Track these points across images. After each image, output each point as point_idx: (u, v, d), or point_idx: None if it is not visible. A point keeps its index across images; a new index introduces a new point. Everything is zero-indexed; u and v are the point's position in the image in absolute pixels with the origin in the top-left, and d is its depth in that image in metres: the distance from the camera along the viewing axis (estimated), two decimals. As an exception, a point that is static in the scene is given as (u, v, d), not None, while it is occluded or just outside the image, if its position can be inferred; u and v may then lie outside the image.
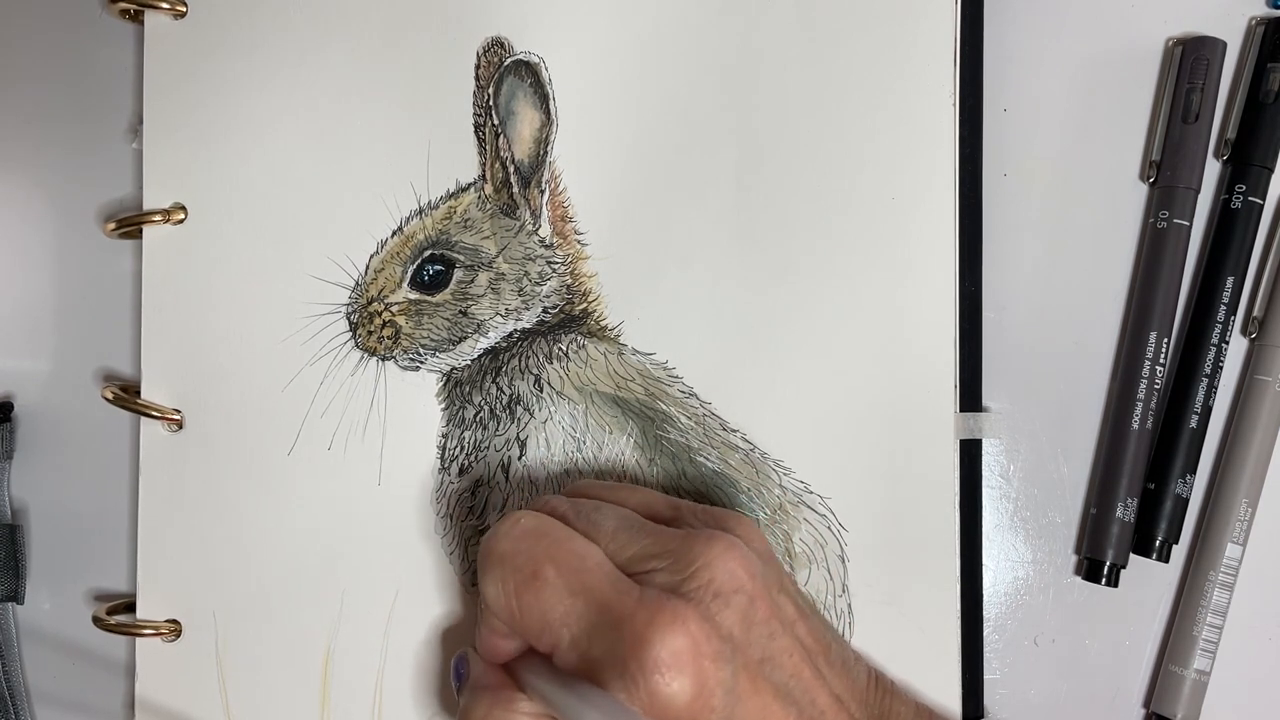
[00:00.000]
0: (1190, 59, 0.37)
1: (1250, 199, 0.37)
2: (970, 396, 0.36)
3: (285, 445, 0.36)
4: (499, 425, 0.36)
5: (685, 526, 0.31)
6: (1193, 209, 0.38)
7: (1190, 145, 0.37)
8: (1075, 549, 0.38)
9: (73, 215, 0.39)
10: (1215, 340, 0.37)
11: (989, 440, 0.37)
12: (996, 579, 0.38)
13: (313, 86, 0.37)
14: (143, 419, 0.37)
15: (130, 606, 0.37)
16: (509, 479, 0.36)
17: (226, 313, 0.37)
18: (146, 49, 0.37)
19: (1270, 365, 0.37)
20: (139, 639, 0.37)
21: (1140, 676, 0.38)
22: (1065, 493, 0.38)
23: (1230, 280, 0.37)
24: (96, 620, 0.36)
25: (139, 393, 0.37)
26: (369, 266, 0.37)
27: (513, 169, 0.37)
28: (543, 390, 0.36)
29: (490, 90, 0.37)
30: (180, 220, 0.37)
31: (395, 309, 0.36)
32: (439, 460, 0.36)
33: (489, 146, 0.37)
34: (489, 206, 0.37)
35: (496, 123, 0.37)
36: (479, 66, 0.37)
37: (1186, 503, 0.37)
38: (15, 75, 0.39)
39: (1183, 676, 0.37)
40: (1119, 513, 0.37)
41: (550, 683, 0.29)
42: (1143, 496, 0.37)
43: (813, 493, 0.36)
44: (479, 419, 0.36)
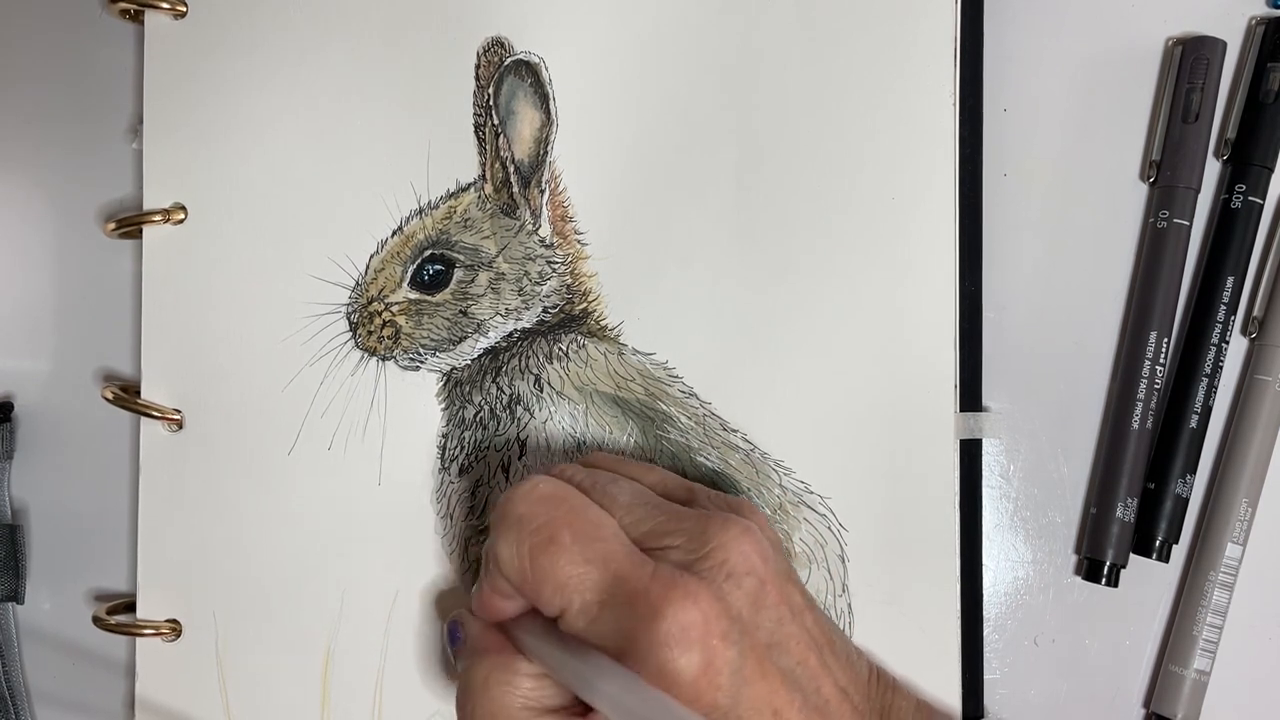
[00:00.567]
0: (1190, 59, 0.37)
1: (1250, 199, 0.37)
2: (970, 396, 0.36)
3: (285, 445, 0.36)
4: (499, 425, 0.36)
5: (699, 509, 0.31)
6: (1193, 209, 0.38)
7: (1190, 145, 0.37)
8: (1075, 549, 0.38)
9: (73, 215, 0.38)
10: (1215, 340, 0.37)
11: (989, 440, 0.37)
12: (996, 579, 0.38)
13: (313, 86, 0.37)
14: (143, 419, 0.37)
15: (130, 606, 0.37)
16: (509, 479, 0.36)
17: (226, 313, 0.37)
18: (147, 49, 0.37)
19: (1270, 365, 0.37)
20: (139, 639, 0.37)
21: (1140, 676, 0.38)
22: (1065, 493, 0.38)
23: (1230, 280, 0.37)
24: (96, 620, 0.36)
25: (139, 393, 0.37)
26: (369, 266, 0.37)
27: (513, 169, 0.37)
28: (543, 390, 0.36)
29: (490, 90, 0.37)
30: (180, 220, 0.37)
31: (395, 309, 0.36)
32: (439, 460, 0.36)
33: (489, 146, 0.37)
34: (489, 206, 0.37)
35: (496, 122, 0.37)
36: (479, 66, 0.37)
37: (1186, 503, 0.37)
38: (15, 75, 0.39)
39: (1183, 676, 0.37)
40: (1119, 513, 0.37)
41: (555, 647, 0.29)
42: (1143, 496, 0.37)
43: (813, 493, 0.36)
44: (479, 419, 0.36)
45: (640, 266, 0.37)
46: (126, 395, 0.37)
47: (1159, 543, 0.37)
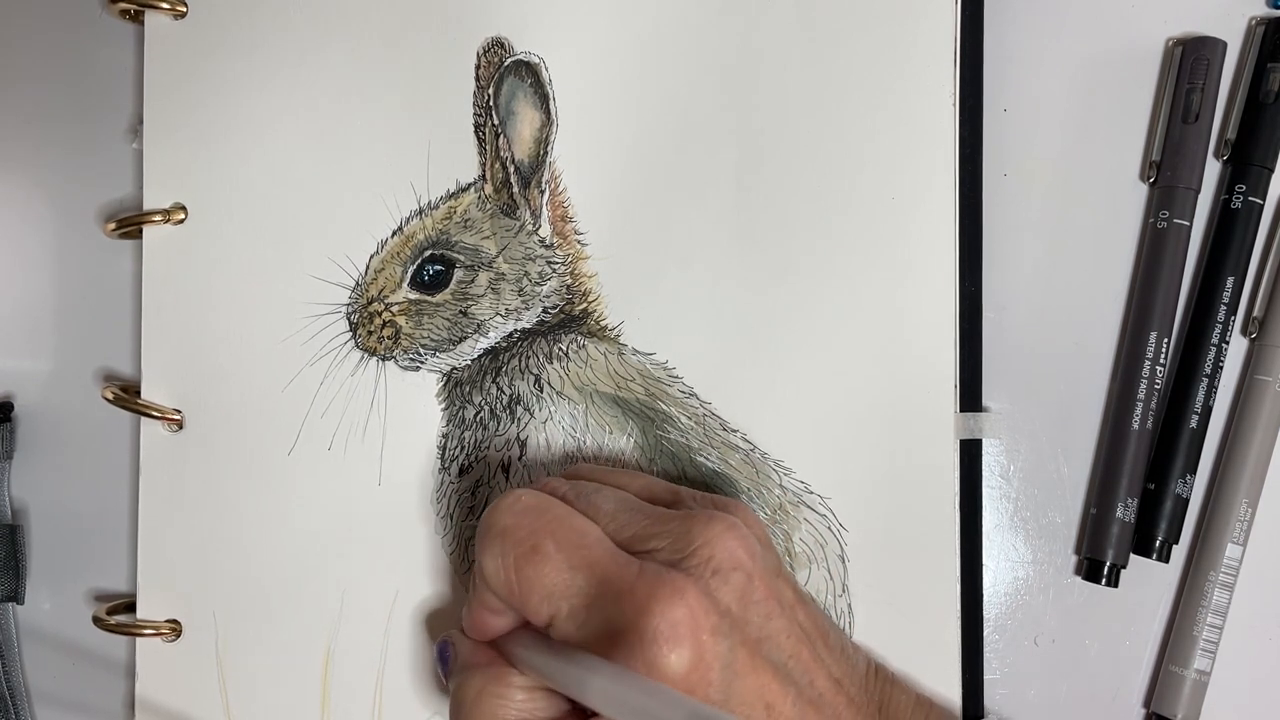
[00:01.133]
0: (1190, 59, 0.37)
1: (1250, 199, 0.37)
2: (970, 396, 0.36)
3: (285, 445, 0.36)
4: (499, 425, 0.36)
5: (685, 510, 0.31)
6: (1193, 209, 0.38)
7: (1190, 145, 0.37)
8: (1075, 549, 0.38)
9: (73, 215, 0.39)
10: (1215, 340, 0.37)
11: (989, 440, 0.37)
12: (996, 579, 0.38)
13: (313, 86, 0.37)
14: (143, 419, 0.37)
15: (130, 606, 0.37)
16: (509, 479, 0.36)
17: (226, 313, 0.37)
18: (147, 49, 0.37)
19: (1270, 365, 0.37)
20: (139, 639, 0.37)
21: (1140, 676, 0.38)
22: (1065, 493, 0.38)
23: (1230, 280, 0.37)
24: (96, 620, 0.36)
25: (139, 393, 0.37)
26: (369, 266, 0.37)
27: (513, 169, 0.37)
28: (543, 390, 0.36)
29: (490, 90, 0.37)
30: (180, 220, 0.37)
31: (395, 309, 0.36)
32: (439, 460, 0.36)
33: (489, 146, 0.37)
34: (489, 206, 0.37)
35: (496, 123, 0.37)
36: (479, 66, 0.37)
37: (1186, 503, 0.37)
38: (15, 75, 0.39)
39: (1183, 676, 0.37)
40: (1119, 513, 0.37)
41: (546, 655, 0.29)
42: (1143, 496, 0.37)
43: (813, 493, 0.36)
44: (479, 419, 0.36)
45: (640, 267, 0.37)
46: (126, 395, 0.37)
47: (1159, 543, 0.37)
